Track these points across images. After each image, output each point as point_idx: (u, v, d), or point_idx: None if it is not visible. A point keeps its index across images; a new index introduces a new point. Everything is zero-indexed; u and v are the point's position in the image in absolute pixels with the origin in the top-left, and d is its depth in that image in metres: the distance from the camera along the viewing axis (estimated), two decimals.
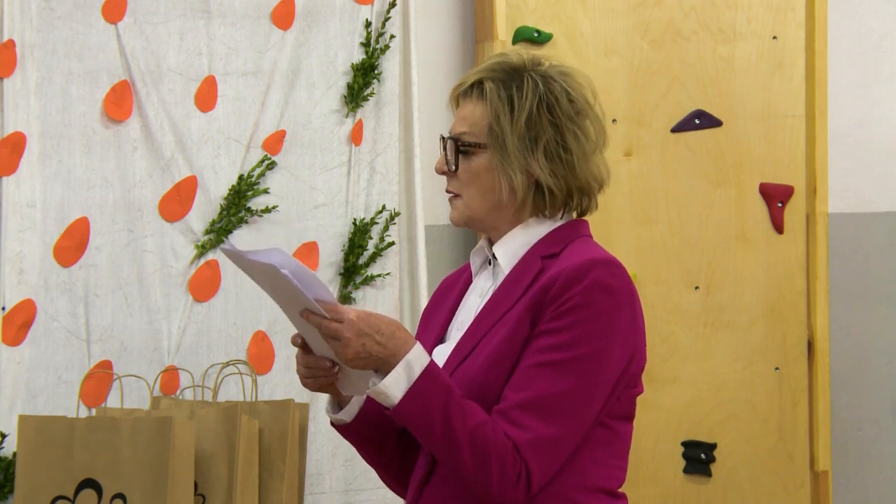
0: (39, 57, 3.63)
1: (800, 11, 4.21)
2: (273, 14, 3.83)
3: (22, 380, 3.59)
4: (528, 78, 2.47)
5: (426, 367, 2.32)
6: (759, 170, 4.20)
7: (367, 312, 2.32)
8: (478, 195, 2.48)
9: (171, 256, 3.73)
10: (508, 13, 3.98)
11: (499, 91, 2.47)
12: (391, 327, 2.32)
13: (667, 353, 4.13)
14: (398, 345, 2.32)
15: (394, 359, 2.31)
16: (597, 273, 2.38)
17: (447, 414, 2.31)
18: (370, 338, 2.30)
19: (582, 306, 2.36)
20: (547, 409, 2.34)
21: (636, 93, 4.13)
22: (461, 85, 2.51)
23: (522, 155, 2.45)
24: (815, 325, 4.22)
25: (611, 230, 4.07)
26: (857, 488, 4.41)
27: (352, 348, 2.30)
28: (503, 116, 2.45)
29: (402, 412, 2.32)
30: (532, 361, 2.37)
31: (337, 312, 2.30)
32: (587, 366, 2.36)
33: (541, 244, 2.49)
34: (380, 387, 2.32)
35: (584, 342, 2.36)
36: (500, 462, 2.32)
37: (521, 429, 2.33)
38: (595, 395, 2.37)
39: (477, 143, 2.47)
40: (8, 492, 3.51)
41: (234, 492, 3.30)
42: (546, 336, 2.37)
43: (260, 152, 3.81)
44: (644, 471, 4.11)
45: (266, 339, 3.79)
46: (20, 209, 3.61)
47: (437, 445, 2.33)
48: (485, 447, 2.31)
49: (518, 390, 2.36)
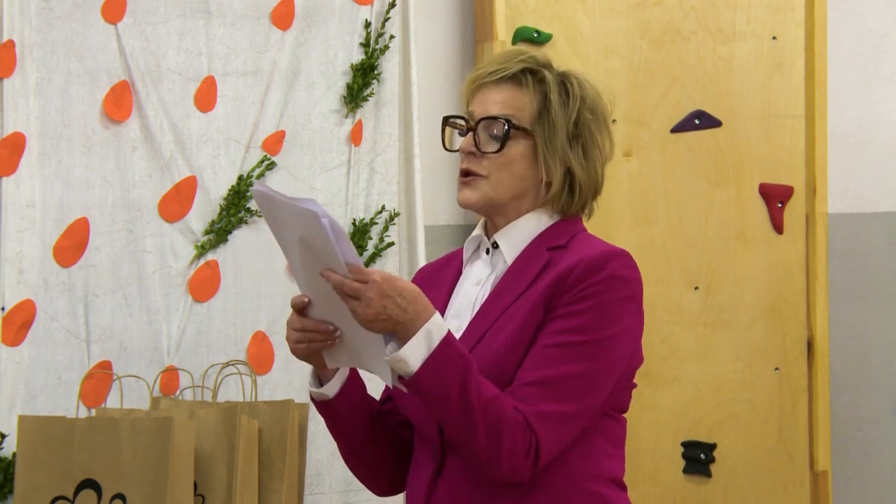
0: (39, 57, 3.63)
1: (799, 11, 4.21)
2: (272, 14, 3.83)
3: (22, 380, 3.59)
4: (574, 79, 2.53)
5: (445, 336, 2.33)
6: (759, 170, 4.20)
7: (391, 275, 2.32)
8: (508, 180, 2.50)
9: (171, 256, 3.73)
10: (508, 13, 3.98)
11: (556, 81, 2.51)
12: (413, 293, 2.32)
13: (667, 353, 4.13)
14: (419, 311, 2.31)
15: (412, 325, 2.31)
16: (615, 264, 2.43)
17: (465, 384, 2.32)
18: (392, 300, 2.29)
19: (599, 294, 2.41)
20: (557, 388, 2.38)
21: (636, 93, 4.13)
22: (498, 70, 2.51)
23: (567, 148, 2.49)
24: (815, 325, 4.22)
25: (611, 230, 4.07)
26: (857, 488, 4.41)
27: (373, 308, 2.28)
28: (558, 107, 2.49)
29: (419, 380, 2.32)
30: (546, 343, 2.40)
31: (362, 273, 2.28)
32: (598, 350, 2.40)
33: (545, 236, 2.52)
34: (399, 354, 2.31)
35: (598, 328, 2.40)
36: (511, 435, 2.34)
37: (531, 404, 2.36)
38: (603, 380, 2.42)
39: (525, 128, 2.49)
40: (8, 492, 3.51)
41: (234, 492, 3.30)
42: (561, 319, 2.40)
43: (259, 152, 3.81)
44: (644, 471, 4.11)
45: (266, 339, 3.79)
46: (20, 209, 3.60)
47: (451, 416, 2.34)
48: (498, 419, 2.33)
49: (530, 370, 2.39)
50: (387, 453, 2.60)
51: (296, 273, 2.40)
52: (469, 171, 2.51)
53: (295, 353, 2.43)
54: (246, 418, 3.34)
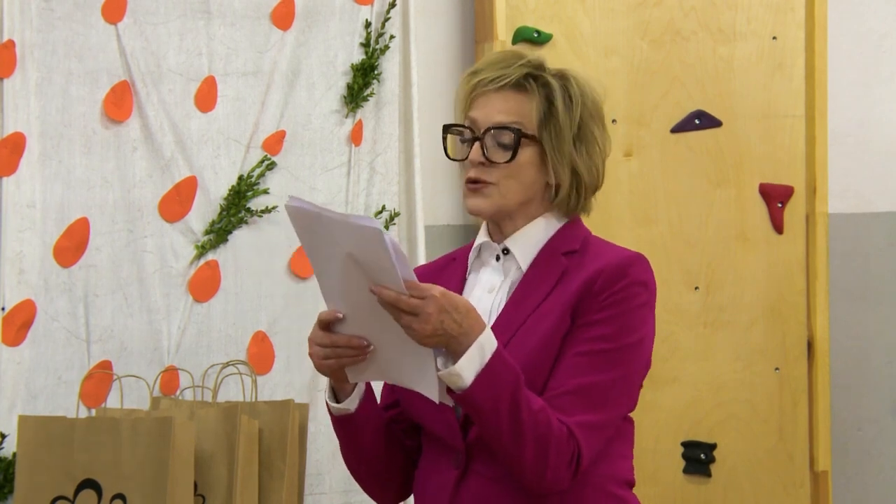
0: (39, 57, 3.63)
1: (800, 11, 4.21)
2: (273, 14, 3.83)
3: (22, 380, 3.59)
4: (571, 77, 2.53)
5: (497, 349, 2.33)
6: (759, 170, 4.20)
7: (446, 290, 2.31)
8: (517, 187, 2.50)
9: (171, 257, 3.73)
10: (508, 13, 3.98)
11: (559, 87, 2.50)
12: (467, 307, 2.32)
13: (667, 353, 4.13)
14: (472, 325, 2.31)
15: (466, 339, 2.30)
16: (636, 269, 2.48)
17: (516, 398, 2.33)
18: (449, 315, 2.29)
19: (624, 300, 2.44)
20: (593, 397, 2.40)
21: (636, 93, 4.13)
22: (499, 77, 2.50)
23: (574, 153, 2.50)
24: (815, 326, 4.22)
25: (611, 230, 4.07)
26: (857, 488, 4.41)
27: (431, 324, 2.27)
28: (563, 112, 2.49)
29: (473, 394, 2.31)
30: (577, 351, 2.41)
31: (420, 289, 2.27)
32: (626, 356, 2.44)
33: (556, 241, 2.53)
34: (455, 368, 2.30)
35: (626, 334, 2.43)
36: (557, 446, 2.36)
37: (572, 414, 2.38)
38: (632, 385, 2.47)
39: (531, 136, 2.49)
40: (8, 492, 3.51)
41: (234, 492, 3.30)
42: (590, 327, 2.42)
43: (260, 152, 3.81)
44: (644, 471, 4.11)
45: (266, 340, 3.79)
46: (20, 209, 3.61)
47: (501, 428, 2.33)
48: (547, 431, 2.35)
49: (565, 378, 2.40)
50: (396, 463, 2.60)
51: (329, 289, 2.37)
52: (478, 179, 2.50)
53: (321, 368, 2.40)
54: (246, 418, 3.34)
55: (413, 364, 2.34)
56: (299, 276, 3.82)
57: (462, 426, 2.46)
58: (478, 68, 2.55)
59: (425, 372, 2.33)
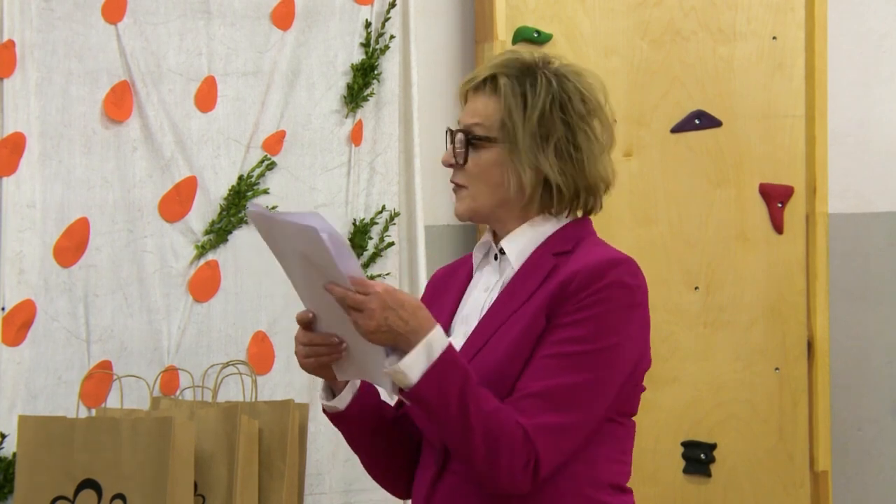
0: (39, 57, 3.63)
1: (800, 11, 4.21)
2: (273, 14, 3.83)
3: (22, 380, 3.59)
4: (542, 75, 2.49)
5: (446, 348, 2.33)
6: (759, 170, 4.20)
7: (393, 287, 2.32)
8: (485, 189, 2.49)
9: (171, 257, 3.73)
10: (508, 13, 3.99)
11: (513, 86, 2.48)
12: (415, 304, 2.32)
13: (667, 353, 4.13)
14: (420, 323, 2.31)
15: (414, 337, 2.31)
16: (617, 272, 2.41)
17: (464, 397, 2.31)
18: (394, 312, 2.29)
19: (601, 302, 2.39)
20: (558, 399, 2.36)
21: (636, 93, 4.13)
22: (473, 79, 2.51)
23: (533, 152, 2.46)
24: (815, 326, 4.22)
25: (611, 230, 4.07)
26: (857, 488, 4.41)
27: (375, 320, 2.28)
28: (516, 112, 2.46)
29: (420, 392, 2.31)
30: (547, 353, 2.39)
31: (364, 286, 2.29)
32: (601, 360, 2.38)
33: (551, 241, 2.50)
34: (399, 366, 2.31)
35: (599, 337, 2.38)
36: (510, 448, 2.33)
37: (531, 416, 2.34)
38: (606, 390, 2.40)
39: (488, 137, 2.48)
40: (8, 492, 3.51)
41: (234, 492, 3.30)
42: (563, 329, 2.39)
43: (260, 153, 3.81)
44: (644, 471, 4.11)
45: (266, 340, 3.79)
46: (20, 209, 3.61)
47: (450, 428, 2.33)
48: (497, 432, 2.32)
49: (531, 380, 2.37)
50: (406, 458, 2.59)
51: (299, 289, 2.41)
52: (455, 182, 2.53)
53: (304, 367, 2.43)
54: (246, 418, 3.34)
55: (373, 361, 2.36)
56: None
57: None
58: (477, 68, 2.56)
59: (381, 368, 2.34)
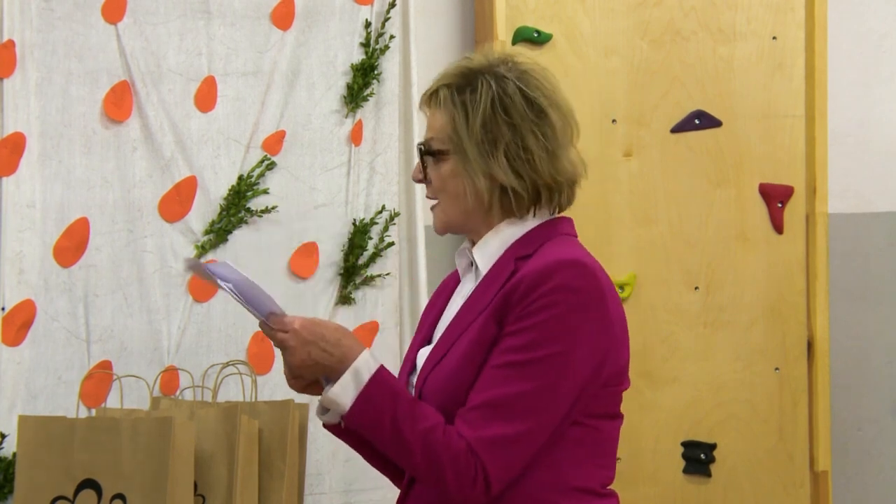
0: (39, 57, 3.63)
1: (800, 11, 4.21)
2: (273, 14, 3.83)
3: (22, 380, 3.59)
4: (482, 81, 2.48)
5: (374, 372, 2.35)
6: (759, 170, 4.20)
7: (312, 321, 2.36)
8: (450, 201, 2.50)
9: (171, 257, 3.73)
10: (508, 13, 3.98)
11: (453, 97, 2.48)
12: (337, 335, 2.36)
13: (667, 353, 4.13)
14: (344, 352, 2.35)
15: (341, 366, 2.35)
16: (563, 275, 2.37)
17: (395, 419, 2.33)
18: (315, 345, 2.34)
19: (546, 307, 2.35)
20: (504, 409, 2.34)
21: (636, 93, 4.13)
22: (426, 92, 2.54)
23: (483, 159, 2.45)
24: (815, 326, 4.22)
25: (611, 230, 4.07)
26: (857, 488, 4.41)
27: (297, 356, 2.35)
28: (459, 122, 2.47)
29: (353, 418, 2.36)
30: (494, 363, 2.37)
31: (282, 324, 2.35)
32: (549, 367, 2.35)
33: (516, 245, 2.49)
34: (329, 394, 2.35)
35: (546, 343, 2.35)
36: (453, 463, 2.32)
37: (476, 428, 2.33)
38: (557, 396, 2.36)
39: (441, 150, 2.49)
40: (8, 492, 3.51)
41: (234, 492, 3.30)
42: (510, 337, 2.37)
43: (260, 152, 3.81)
44: (644, 471, 4.11)
45: (266, 340, 3.79)
46: (20, 209, 3.61)
47: (390, 450, 2.37)
48: (436, 450, 2.32)
49: (478, 391, 2.36)
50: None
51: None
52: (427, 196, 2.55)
53: (294, 388, 2.47)
54: (246, 418, 3.34)
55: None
56: (299, 276, 3.82)
57: None
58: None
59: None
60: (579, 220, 2.62)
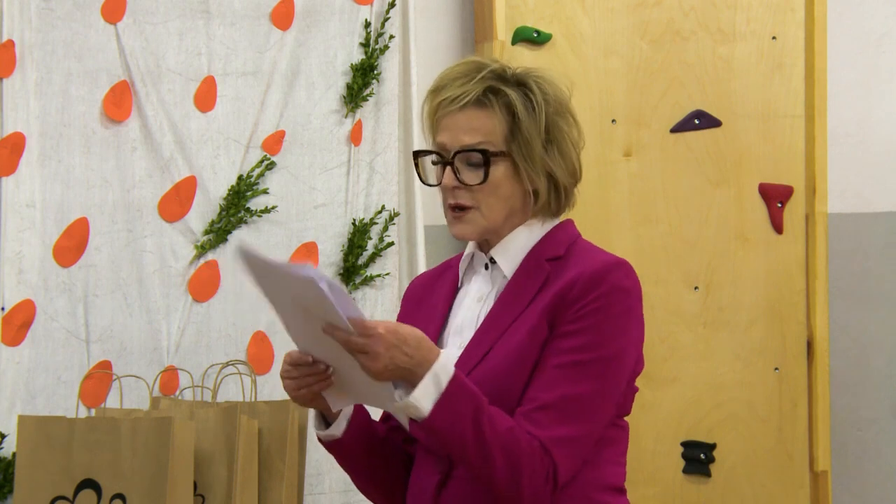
0: (39, 57, 3.63)
1: (799, 11, 4.21)
2: (272, 14, 3.83)
3: (21, 380, 3.59)
4: (533, 83, 2.48)
5: (453, 376, 2.33)
6: (759, 170, 4.20)
7: (394, 324, 2.32)
8: (498, 204, 2.48)
9: (171, 256, 3.73)
10: (508, 13, 3.98)
11: (519, 97, 2.46)
12: (417, 338, 2.32)
13: (667, 353, 4.13)
14: (424, 355, 2.32)
15: (420, 369, 2.31)
16: (615, 276, 2.43)
17: (478, 421, 2.32)
18: (398, 349, 2.30)
19: (602, 309, 2.40)
20: (569, 410, 2.38)
21: (636, 93, 4.13)
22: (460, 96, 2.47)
23: (543, 157, 2.47)
24: (815, 326, 4.21)
25: (611, 230, 4.07)
26: (857, 488, 4.41)
27: (381, 361, 2.29)
28: (528, 122, 2.46)
29: (433, 423, 2.32)
30: (554, 363, 2.39)
31: (365, 328, 2.29)
32: (605, 367, 2.40)
33: (541, 247, 2.51)
34: (409, 399, 2.31)
35: (604, 344, 2.40)
36: (530, 463, 2.34)
37: (545, 429, 2.36)
38: (612, 396, 2.42)
39: (499, 153, 2.47)
40: (7, 492, 3.51)
41: (234, 492, 3.30)
42: (567, 338, 2.40)
43: (259, 152, 3.81)
44: (644, 471, 4.11)
45: (265, 340, 3.79)
46: (20, 209, 3.61)
47: (468, 453, 2.34)
48: (517, 450, 2.33)
49: (540, 391, 2.38)
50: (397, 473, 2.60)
51: (290, 329, 2.41)
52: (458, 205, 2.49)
53: (297, 400, 2.44)
54: (246, 418, 3.34)
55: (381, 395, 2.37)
56: None
57: None
58: (439, 85, 2.51)
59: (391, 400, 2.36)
60: (579, 221, 2.62)
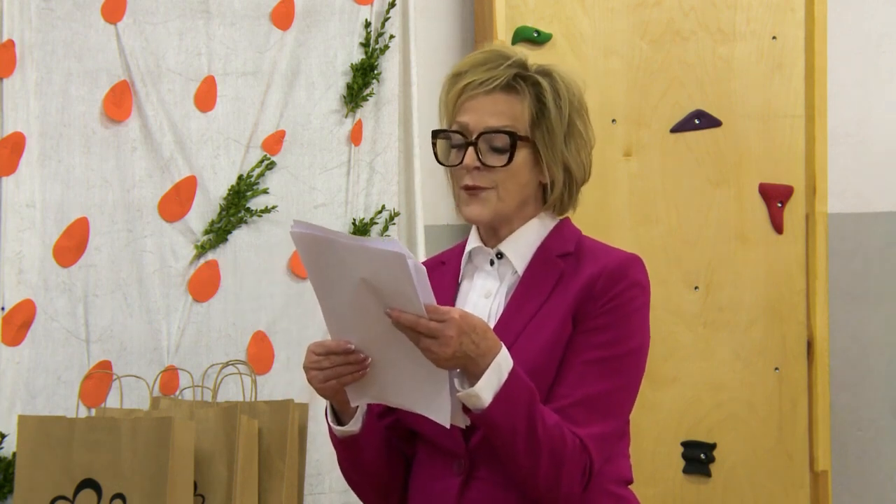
0: (39, 57, 3.63)
1: (799, 11, 4.21)
2: (272, 14, 3.83)
3: (21, 380, 3.59)
4: (557, 75, 2.51)
5: (512, 368, 2.33)
6: (759, 170, 4.20)
7: (466, 312, 2.30)
8: (514, 189, 2.49)
9: (171, 256, 3.73)
10: (508, 13, 3.98)
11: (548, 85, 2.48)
12: (484, 328, 2.32)
13: (667, 353, 4.13)
14: (489, 345, 2.32)
15: (483, 360, 2.30)
16: (633, 271, 2.47)
17: (532, 415, 2.34)
18: (468, 336, 2.28)
19: (624, 304, 2.43)
20: (601, 406, 2.41)
21: (636, 93, 4.13)
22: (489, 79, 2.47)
23: (563, 149, 2.49)
24: (815, 325, 4.21)
25: (611, 230, 4.07)
26: (857, 488, 4.41)
27: (451, 347, 2.26)
28: (554, 111, 2.47)
29: (491, 414, 2.32)
30: (582, 359, 2.41)
31: (440, 313, 2.26)
32: (632, 362, 2.44)
33: (549, 243, 2.52)
34: (474, 389, 2.30)
35: (628, 339, 2.44)
36: (571, 460, 2.37)
37: (582, 426, 2.39)
38: (636, 389, 2.47)
39: (525, 137, 2.47)
40: (8, 492, 3.51)
41: (234, 492, 3.30)
42: (593, 333, 2.42)
43: (259, 152, 3.81)
44: (644, 471, 4.11)
45: (265, 339, 3.79)
46: (20, 209, 3.61)
47: (518, 446, 2.34)
48: (561, 446, 2.36)
49: (572, 388, 2.40)
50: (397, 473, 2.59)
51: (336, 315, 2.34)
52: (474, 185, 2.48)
53: (323, 392, 2.39)
54: (246, 418, 3.34)
55: (425, 387, 2.32)
56: (299, 276, 3.82)
57: (464, 432, 2.44)
58: (462, 70, 2.52)
59: (438, 394, 2.32)
60: (579, 220, 2.63)
